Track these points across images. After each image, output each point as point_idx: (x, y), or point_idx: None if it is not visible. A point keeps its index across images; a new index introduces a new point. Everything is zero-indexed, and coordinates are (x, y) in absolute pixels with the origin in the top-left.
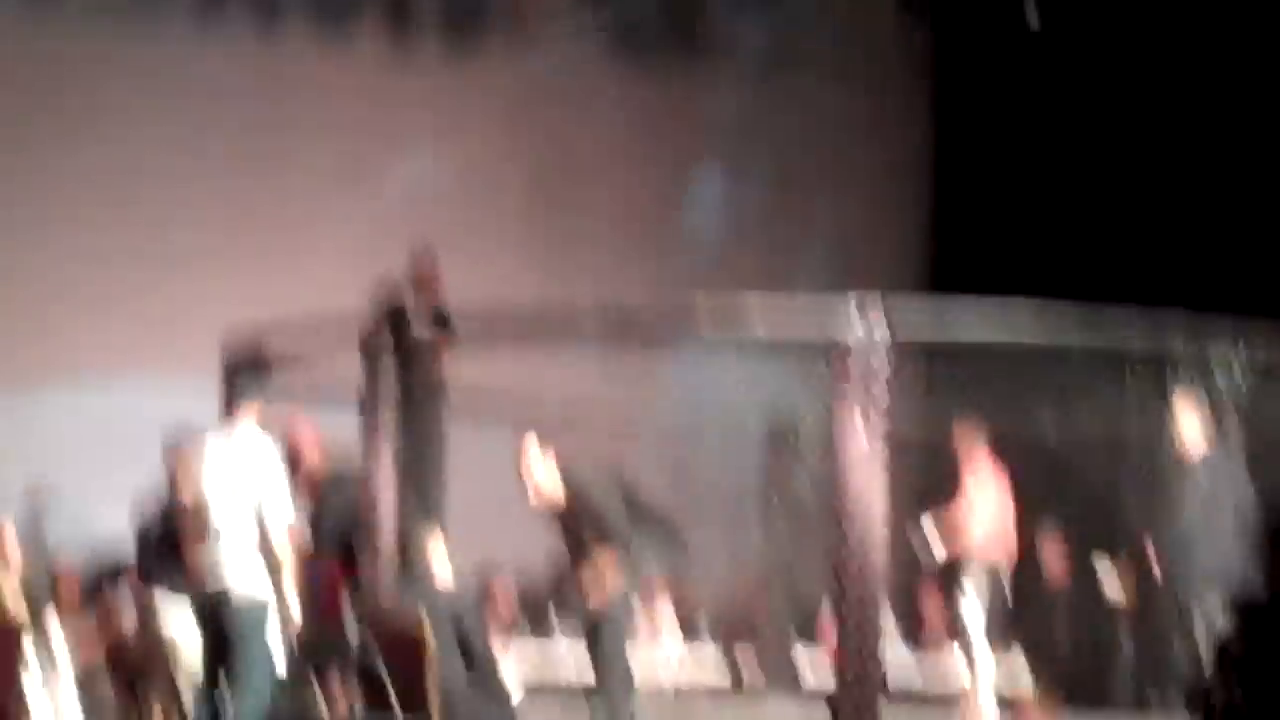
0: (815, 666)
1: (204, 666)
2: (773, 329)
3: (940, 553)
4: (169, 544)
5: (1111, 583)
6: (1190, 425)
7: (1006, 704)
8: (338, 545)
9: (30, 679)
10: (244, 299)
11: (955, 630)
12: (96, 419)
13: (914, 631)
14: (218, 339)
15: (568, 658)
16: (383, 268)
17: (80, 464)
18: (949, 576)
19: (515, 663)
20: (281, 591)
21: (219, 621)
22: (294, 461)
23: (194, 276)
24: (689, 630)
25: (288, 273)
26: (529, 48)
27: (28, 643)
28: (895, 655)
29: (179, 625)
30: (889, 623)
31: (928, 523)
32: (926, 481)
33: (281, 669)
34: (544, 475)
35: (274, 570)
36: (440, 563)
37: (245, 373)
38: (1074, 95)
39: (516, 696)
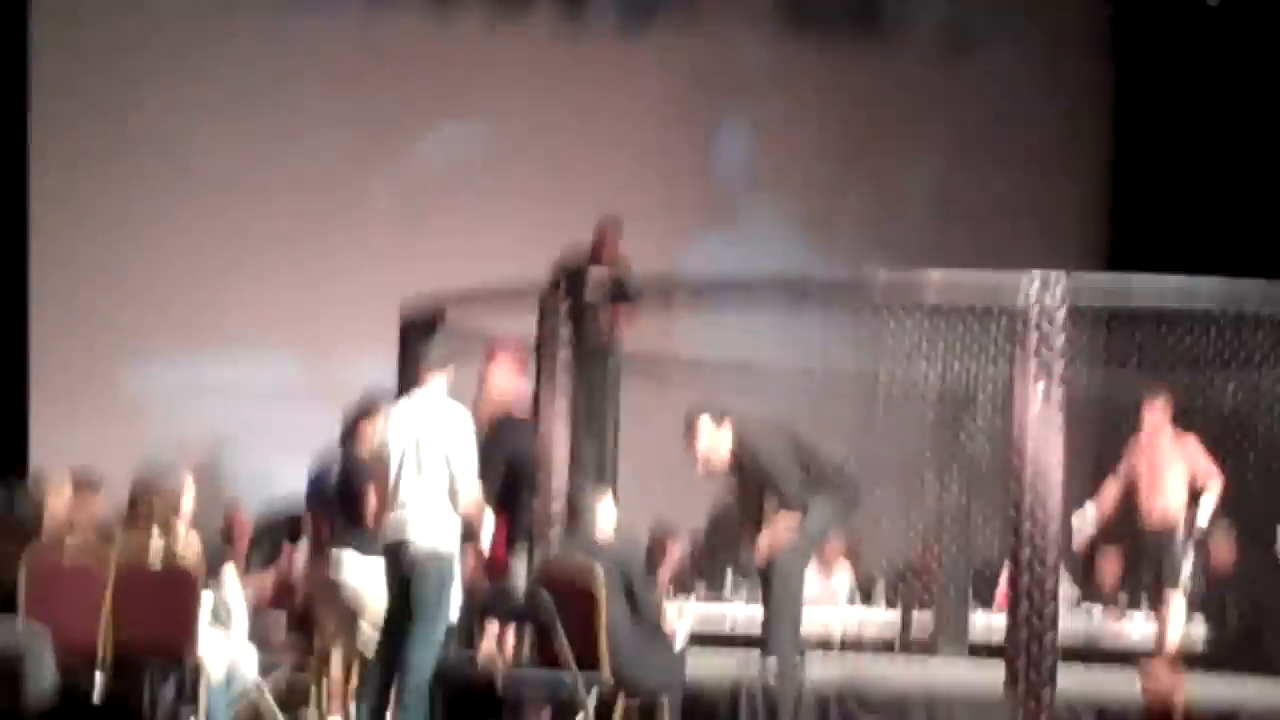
0: (990, 630)
1: (386, 614)
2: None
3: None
4: (347, 498)
5: None
6: None
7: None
8: (501, 489)
9: (206, 624)
10: (421, 271)
11: (1148, 591)
12: (281, 383)
13: (1090, 592)
14: (395, 308)
15: (738, 616)
16: (557, 242)
17: (260, 424)
18: (1137, 540)
19: (685, 619)
20: (464, 543)
21: (402, 570)
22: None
23: (372, 249)
24: (865, 592)
25: (463, 247)
26: (704, 24)
27: (203, 589)
28: (1070, 616)
29: (354, 574)
30: (1064, 583)
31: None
32: (1105, 448)
33: (456, 619)
34: (713, 443)
35: (461, 524)
36: (610, 518)
37: (430, 337)
38: (1253, 70)
39: (683, 650)
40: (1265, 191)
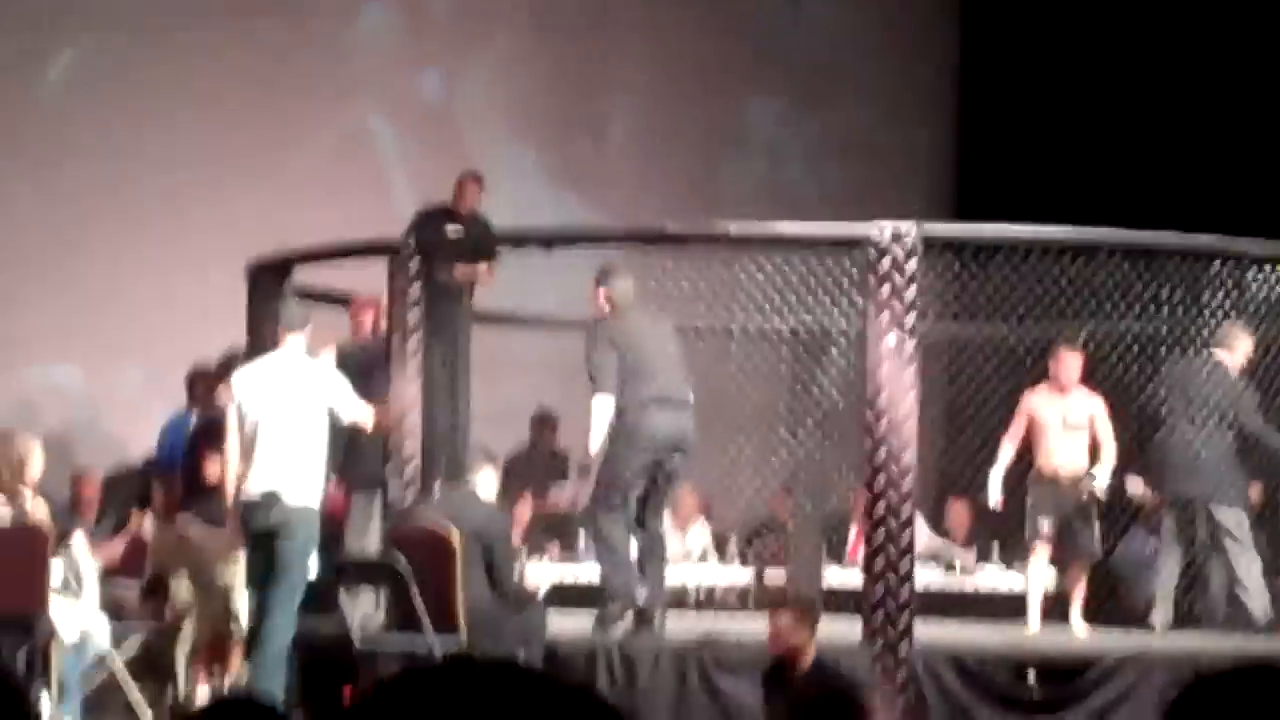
0: (842, 584)
1: (248, 573)
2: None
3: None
4: (198, 461)
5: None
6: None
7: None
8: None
9: (57, 593)
10: (268, 230)
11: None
12: (129, 346)
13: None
14: (243, 268)
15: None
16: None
17: (108, 389)
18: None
19: (542, 580)
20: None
21: (267, 526)
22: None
23: (221, 208)
24: (720, 549)
25: (311, 203)
26: None
27: (52, 556)
28: (925, 568)
29: (204, 533)
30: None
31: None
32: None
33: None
34: None
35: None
36: (490, 489)
37: (279, 296)
38: (1104, 13)
39: (542, 613)
40: (1108, 139)
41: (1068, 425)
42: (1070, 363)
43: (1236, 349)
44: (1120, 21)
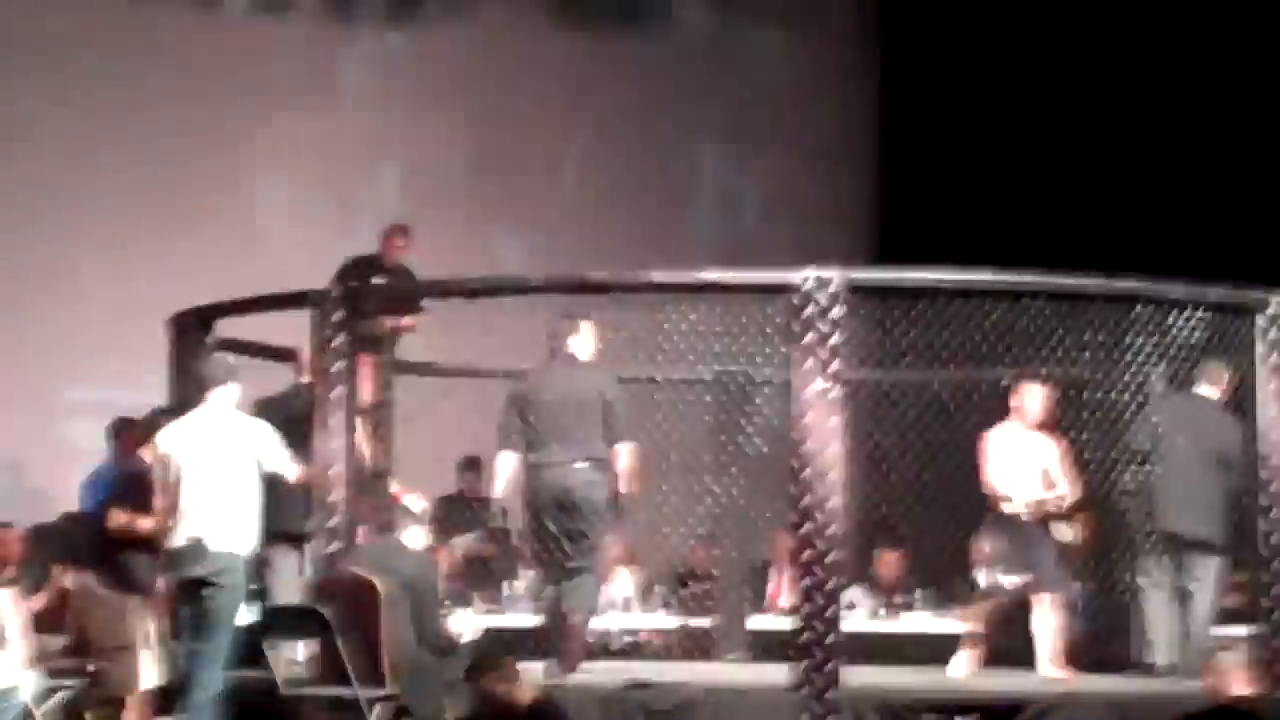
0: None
1: (173, 620)
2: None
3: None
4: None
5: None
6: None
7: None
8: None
9: None
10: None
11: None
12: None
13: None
14: (163, 322)
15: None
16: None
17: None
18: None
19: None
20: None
21: (195, 576)
22: None
23: (138, 261)
24: (645, 597)
25: (235, 255)
26: (468, 12)
27: None
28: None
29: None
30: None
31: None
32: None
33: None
34: None
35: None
36: (418, 542)
37: (201, 349)
38: (1021, 58)
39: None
40: (1029, 183)
41: (1028, 465)
42: (1035, 398)
43: (1224, 385)
44: (1037, 65)
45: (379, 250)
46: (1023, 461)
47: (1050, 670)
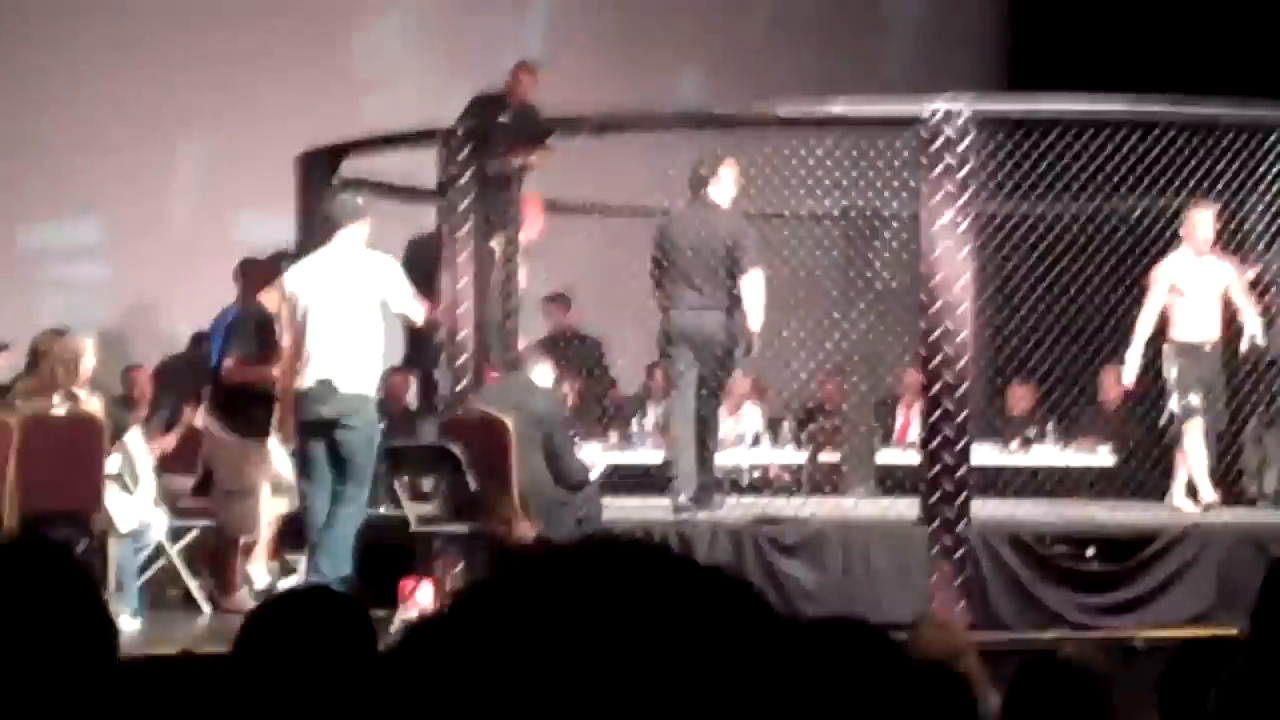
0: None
1: (302, 460)
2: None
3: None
4: (256, 347)
5: None
6: None
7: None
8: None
9: (113, 488)
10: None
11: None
12: (177, 242)
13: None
14: (290, 162)
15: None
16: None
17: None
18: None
19: (597, 468)
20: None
21: (327, 418)
22: None
23: (267, 103)
24: (773, 431)
25: (364, 98)
26: None
27: (107, 439)
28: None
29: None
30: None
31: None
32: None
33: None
34: None
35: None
36: (546, 380)
37: (330, 189)
38: None
39: (598, 502)
40: (1160, 8)
41: (1205, 292)
42: (1205, 224)
43: None
44: None
45: (506, 87)
46: (1197, 288)
47: (1185, 502)
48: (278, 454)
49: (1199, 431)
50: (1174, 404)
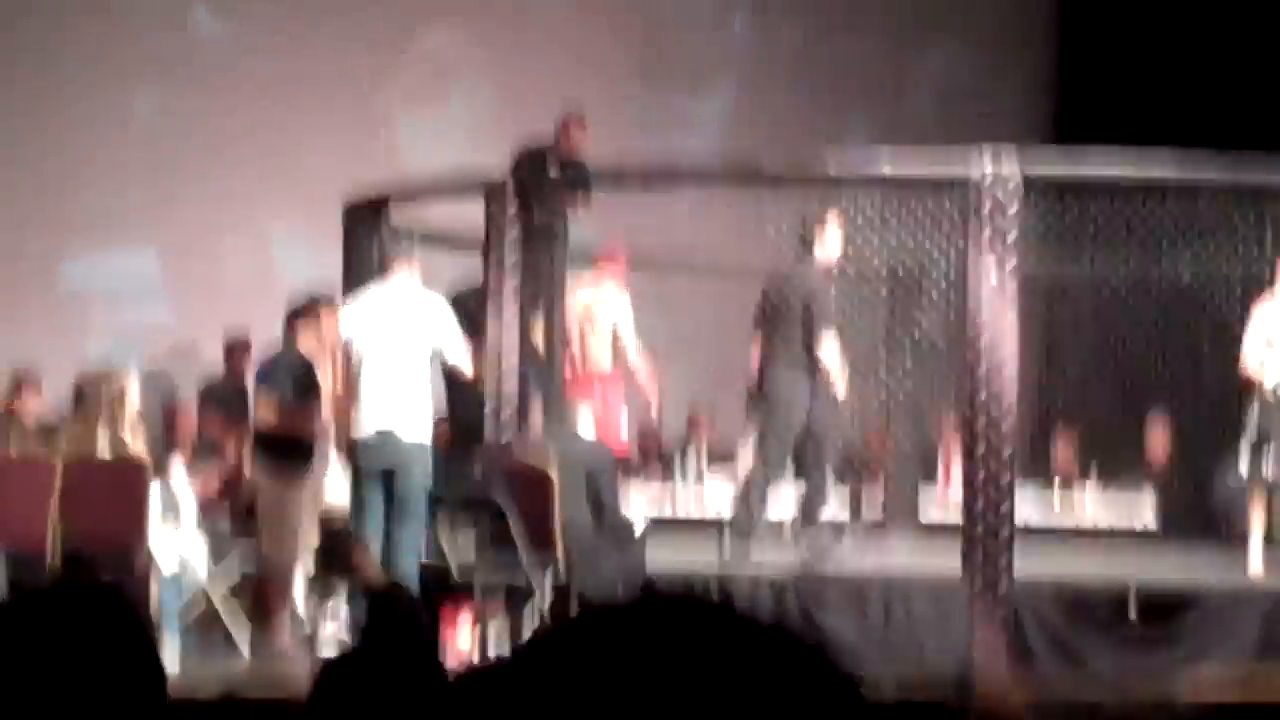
0: (936, 503)
1: (358, 508)
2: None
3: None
4: (299, 390)
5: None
6: None
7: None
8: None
9: (153, 515)
10: (367, 163)
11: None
12: (222, 278)
13: (1041, 469)
14: (337, 200)
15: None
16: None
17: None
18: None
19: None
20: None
21: (384, 462)
22: None
23: (315, 144)
24: None
25: (412, 137)
26: None
27: (150, 480)
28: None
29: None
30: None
31: None
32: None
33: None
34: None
35: None
36: (589, 427)
37: (377, 230)
38: None
39: (642, 550)
40: (1208, 61)
41: None
42: None
43: None
44: None
45: (555, 139)
46: None
47: (1259, 566)
48: (333, 484)
49: (1263, 496)
50: (1249, 465)
